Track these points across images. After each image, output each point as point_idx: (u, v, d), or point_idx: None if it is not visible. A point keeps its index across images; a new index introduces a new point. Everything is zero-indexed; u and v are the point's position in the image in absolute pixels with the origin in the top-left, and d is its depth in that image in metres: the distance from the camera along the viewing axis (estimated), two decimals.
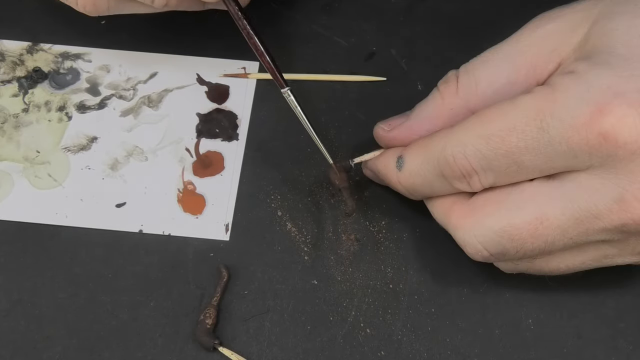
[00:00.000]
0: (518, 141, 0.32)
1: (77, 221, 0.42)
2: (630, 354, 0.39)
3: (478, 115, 0.34)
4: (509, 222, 0.34)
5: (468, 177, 0.35)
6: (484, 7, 0.48)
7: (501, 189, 0.35)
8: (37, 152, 0.44)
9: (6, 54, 0.47)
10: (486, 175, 0.34)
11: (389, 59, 0.47)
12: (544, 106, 0.32)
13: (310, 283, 0.41)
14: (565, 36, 0.34)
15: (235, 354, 0.39)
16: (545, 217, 0.33)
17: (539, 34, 0.35)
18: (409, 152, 0.37)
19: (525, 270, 0.37)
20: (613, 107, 0.30)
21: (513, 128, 0.32)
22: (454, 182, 0.35)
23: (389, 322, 0.40)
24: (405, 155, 0.37)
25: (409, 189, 0.38)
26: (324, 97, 0.46)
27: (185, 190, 0.43)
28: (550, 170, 0.33)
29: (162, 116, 0.45)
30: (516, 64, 0.35)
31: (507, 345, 0.39)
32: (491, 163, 0.34)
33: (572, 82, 0.32)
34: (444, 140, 0.35)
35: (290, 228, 0.42)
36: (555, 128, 0.31)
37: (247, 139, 0.44)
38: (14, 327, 0.40)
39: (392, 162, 0.38)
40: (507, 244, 0.34)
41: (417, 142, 0.37)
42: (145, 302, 0.40)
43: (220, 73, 0.46)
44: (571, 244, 0.34)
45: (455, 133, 0.35)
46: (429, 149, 0.36)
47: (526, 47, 0.35)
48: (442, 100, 0.37)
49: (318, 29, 0.48)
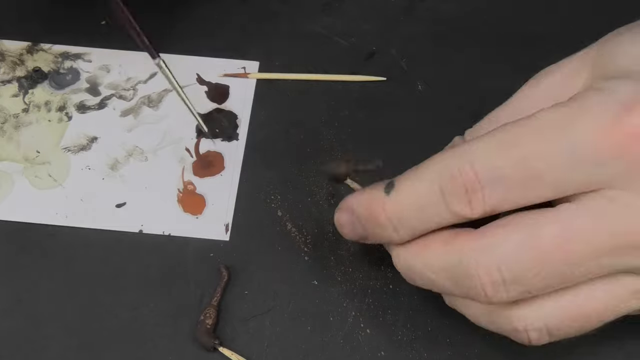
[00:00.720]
0: (536, 144, 0.30)
1: (77, 221, 0.42)
2: (630, 354, 0.39)
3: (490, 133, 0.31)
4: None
5: (471, 193, 0.31)
6: (484, 7, 0.48)
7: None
8: (37, 152, 0.44)
9: (6, 54, 0.47)
10: (494, 190, 0.30)
11: (389, 59, 0.47)
12: (565, 112, 0.30)
13: (310, 283, 0.41)
14: (567, 83, 0.34)
15: (235, 354, 0.39)
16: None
17: (541, 88, 0.35)
18: (403, 175, 0.33)
19: None
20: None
21: (531, 132, 0.30)
22: (453, 202, 0.31)
23: (389, 322, 0.40)
24: (398, 178, 0.33)
25: (395, 216, 0.33)
26: (324, 97, 0.46)
27: (185, 190, 0.43)
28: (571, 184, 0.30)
29: (162, 116, 0.45)
30: None
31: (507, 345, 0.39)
32: (502, 172, 0.30)
33: (592, 92, 0.30)
34: (447, 154, 0.32)
35: (290, 228, 0.42)
36: (580, 132, 0.29)
37: (247, 139, 0.45)
38: (14, 327, 0.40)
39: (379, 188, 0.34)
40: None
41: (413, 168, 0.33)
42: (145, 302, 0.40)
43: (220, 73, 0.47)
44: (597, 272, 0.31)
45: (461, 145, 0.32)
46: (429, 166, 0.32)
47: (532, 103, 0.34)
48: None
49: (318, 29, 0.48)
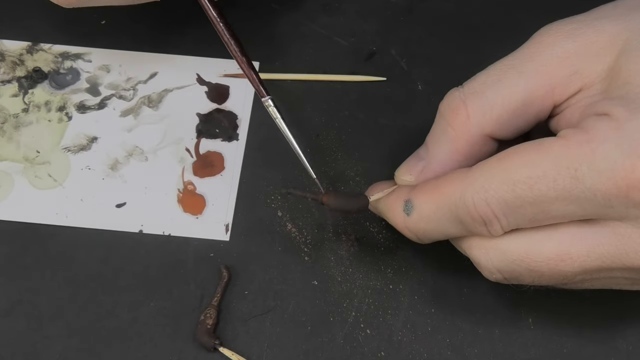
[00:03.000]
0: (548, 190, 0.30)
1: (77, 221, 0.42)
2: (630, 354, 0.39)
3: (500, 159, 0.32)
4: (528, 253, 0.33)
5: (489, 224, 0.32)
6: (484, 7, 0.48)
7: None
8: (37, 152, 0.44)
9: (6, 54, 0.47)
10: (509, 222, 0.32)
11: (389, 59, 0.47)
12: (579, 156, 0.30)
13: (311, 283, 0.41)
14: (589, 60, 0.32)
15: (235, 354, 0.39)
16: (569, 256, 0.32)
17: (557, 52, 0.33)
18: (420, 196, 0.35)
19: None
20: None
21: (543, 176, 0.30)
22: (472, 228, 0.33)
23: (389, 322, 0.40)
24: (415, 200, 0.35)
25: (418, 234, 0.36)
26: (324, 97, 0.46)
27: (185, 190, 0.43)
28: (580, 217, 0.31)
29: (162, 116, 0.45)
30: (533, 85, 0.33)
31: (507, 345, 0.39)
32: (516, 210, 0.32)
33: (610, 130, 0.30)
34: (462, 185, 0.33)
35: (290, 228, 0.42)
36: (592, 179, 0.30)
37: (247, 139, 0.44)
38: (14, 327, 0.40)
39: (398, 205, 0.36)
40: (523, 272, 0.33)
41: (427, 186, 0.35)
42: (145, 302, 0.40)
43: (220, 73, 0.46)
44: (589, 279, 0.33)
45: (476, 178, 0.32)
46: (445, 195, 0.33)
47: (543, 67, 0.33)
48: (455, 132, 0.34)
49: (318, 29, 0.48)
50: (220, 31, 0.40)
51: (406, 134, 0.44)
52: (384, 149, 0.44)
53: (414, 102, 0.45)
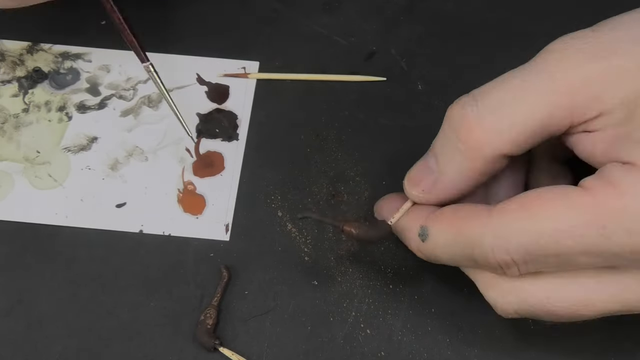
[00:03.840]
0: (574, 244, 0.30)
1: (77, 221, 0.42)
2: (630, 354, 0.39)
3: (523, 206, 0.31)
4: (549, 298, 0.32)
5: (506, 268, 0.32)
6: (484, 7, 0.48)
7: None
8: (37, 152, 0.44)
9: (6, 54, 0.47)
10: (527, 267, 0.31)
11: (389, 59, 0.47)
12: (608, 212, 0.29)
13: (311, 283, 0.41)
14: (611, 85, 0.30)
15: (235, 354, 0.39)
16: (591, 302, 0.31)
17: (579, 74, 0.31)
18: (437, 226, 0.34)
19: None
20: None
21: (570, 231, 0.30)
22: (487, 269, 0.33)
23: (389, 322, 0.40)
24: (432, 228, 0.34)
25: (430, 259, 0.35)
26: (324, 97, 0.46)
27: (185, 190, 0.43)
28: (604, 266, 0.31)
29: (162, 116, 0.45)
30: (554, 107, 0.31)
31: (507, 345, 0.39)
32: (538, 260, 0.31)
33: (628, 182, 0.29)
34: (482, 229, 0.31)
35: (290, 228, 0.42)
36: (620, 237, 0.29)
37: (247, 139, 0.45)
38: (14, 327, 0.40)
39: (414, 228, 0.35)
40: (542, 315, 0.33)
41: (445, 216, 0.34)
42: (145, 302, 0.40)
43: (220, 73, 0.46)
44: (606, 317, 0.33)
45: (497, 224, 0.31)
46: (463, 233, 0.32)
47: (565, 88, 0.31)
48: (468, 152, 0.32)
49: (318, 29, 0.48)
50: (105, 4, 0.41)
51: (406, 134, 0.44)
52: (384, 149, 0.44)
53: (414, 102, 0.45)
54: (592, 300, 0.32)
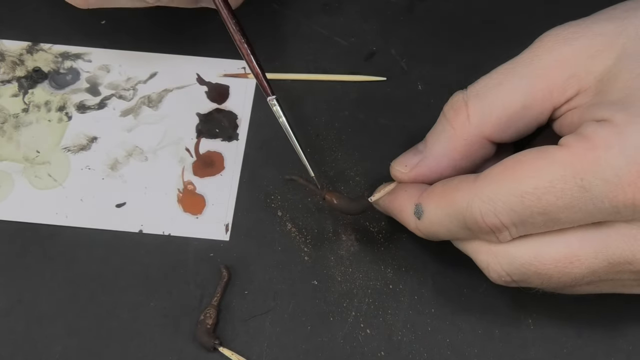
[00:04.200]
0: (556, 200, 0.31)
1: (77, 221, 0.42)
2: (630, 354, 0.39)
3: (506, 168, 0.32)
4: (536, 256, 0.33)
5: (497, 233, 0.33)
6: (484, 7, 0.48)
7: None
8: (37, 152, 0.44)
9: (6, 54, 0.47)
10: (517, 230, 0.33)
11: (389, 59, 0.47)
12: (584, 164, 0.30)
13: (311, 283, 0.41)
14: (585, 63, 0.33)
15: (235, 354, 0.39)
16: (577, 258, 0.32)
17: (554, 56, 0.33)
18: (429, 202, 0.35)
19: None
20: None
21: (550, 186, 0.31)
22: (481, 236, 0.34)
23: (389, 322, 0.40)
24: (425, 205, 0.35)
25: (429, 236, 0.36)
26: (324, 97, 0.46)
27: (185, 190, 0.43)
28: (587, 222, 0.32)
29: (162, 116, 0.45)
30: (532, 88, 0.34)
31: (507, 345, 0.39)
32: (525, 220, 0.32)
33: (613, 137, 0.30)
34: (469, 195, 0.33)
35: (290, 228, 0.42)
36: (598, 187, 0.30)
37: (247, 139, 0.44)
38: (14, 327, 0.40)
39: (409, 207, 0.36)
40: (532, 275, 0.33)
41: (436, 191, 0.35)
42: (145, 302, 0.40)
43: (220, 73, 0.46)
44: (596, 280, 0.33)
45: (483, 188, 0.33)
46: (453, 203, 0.34)
47: (542, 70, 0.33)
48: (454, 131, 0.35)
49: (318, 29, 0.48)
50: (230, 26, 0.40)
51: (406, 134, 0.44)
52: (384, 149, 0.44)
53: (414, 102, 0.45)
54: (578, 257, 0.32)
